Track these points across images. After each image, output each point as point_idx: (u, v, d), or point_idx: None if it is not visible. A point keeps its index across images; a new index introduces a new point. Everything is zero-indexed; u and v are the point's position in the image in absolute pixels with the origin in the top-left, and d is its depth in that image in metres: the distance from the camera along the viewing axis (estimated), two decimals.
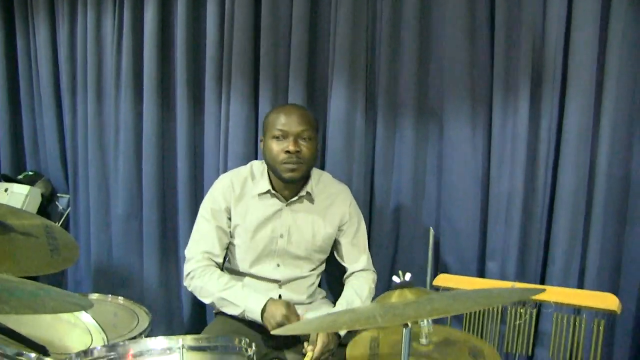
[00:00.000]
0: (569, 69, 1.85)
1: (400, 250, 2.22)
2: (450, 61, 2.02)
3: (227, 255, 1.98)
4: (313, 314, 1.77)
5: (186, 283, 1.89)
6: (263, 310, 1.73)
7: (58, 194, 2.84)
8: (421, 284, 1.76)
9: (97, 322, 1.55)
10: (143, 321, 1.85)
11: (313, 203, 1.91)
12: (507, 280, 1.97)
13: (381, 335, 1.54)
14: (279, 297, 1.88)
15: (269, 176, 1.88)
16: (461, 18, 1.96)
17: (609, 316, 1.77)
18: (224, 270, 1.99)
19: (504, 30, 1.91)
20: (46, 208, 2.80)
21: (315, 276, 1.98)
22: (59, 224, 2.75)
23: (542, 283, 1.98)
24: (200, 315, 2.52)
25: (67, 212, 2.82)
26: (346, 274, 1.97)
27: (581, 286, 1.91)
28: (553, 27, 1.86)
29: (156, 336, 1.16)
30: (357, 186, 2.10)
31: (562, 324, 1.71)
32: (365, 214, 2.06)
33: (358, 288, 1.89)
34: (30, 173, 2.82)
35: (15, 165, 2.94)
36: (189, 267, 1.88)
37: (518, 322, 1.77)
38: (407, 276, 1.15)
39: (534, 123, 1.92)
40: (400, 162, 2.16)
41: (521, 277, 1.98)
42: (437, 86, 2.08)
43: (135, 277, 2.58)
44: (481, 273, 2.07)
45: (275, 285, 1.91)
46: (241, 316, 1.79)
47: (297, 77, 2.17)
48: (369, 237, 2.06)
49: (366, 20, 2.11)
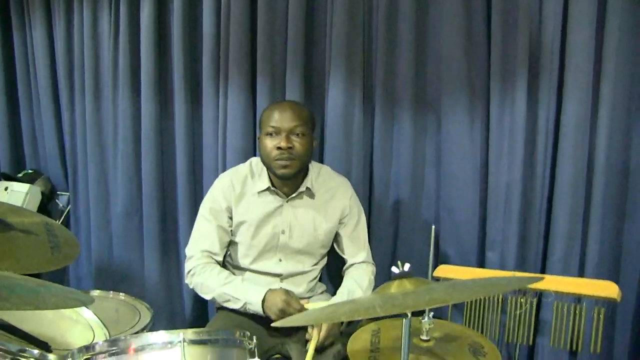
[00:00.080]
0: (567, 60, 1.85)
1: (400, 242, 2.22)
2: (447, 53, 2.01)
3: (229, 251, 1.99)
4: (313, 305, 1.78)
5: (187, 280, 1.91)
6: (263, 301, 1.75)
7: (58, 192, 2.85)
8: (422, 275, 1.76)
9: (99, 318, 1.55)
10: (145, 317, 1.86)
11: (313, 198, 1.92)
12: (507, 270, 1.98)
13: (382, 329, 1.54)
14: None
15: (268, 173, 1.89)
16: (458, 10, 1.95)
17: (609, 304, 1.77)
18: (226, 265, 2.00)
19: (501, 21, 1.90)
20: (46, 206, 2.80)
21: (317, 271, 1.99)
22: (60, 222, 2.75)
23: (543, 273, 1.98)
24: (202, 310, 2.52)
25: (68, 210, 2.82)
26: (345, 266, 1.97)
27: (582, 275, 1.91)
28: (550, 18, 1.86)
29: (160, 330, 1.17)
30: (356, 179, 2.10)
31: (563, 313, 1.72)
32: (364, 207, 2.06)
33: (358, 278, 1.90)
34: (29, 171, 2.82)
35: (14, 163, 2.95)
36: (190, 265, 1.89)
37: (519, 312, 1.77)
38: (406, 267, 1.16)
39: (532, 114, 1.92)
40: (398, 155, 2.16)
41: (521, 268, 1.99)
42: (435, 79, 2.08)
43: (136, 274, 2.59)
44: (481, 264, 2.07)
45: (276, 279, 1.92)
46: (243, 310, 1.80)
47: (294, 71, 2.17)
48: (369, 230, 2.06)
49: (363, 12, 2.10)
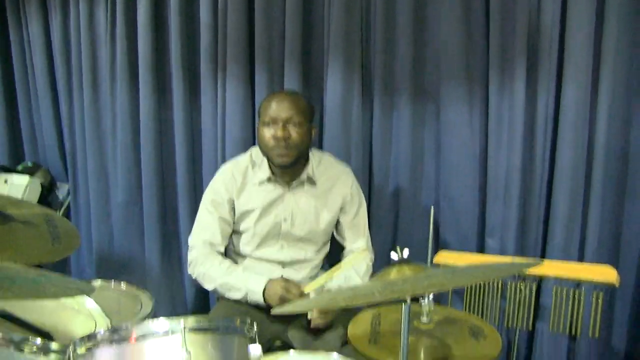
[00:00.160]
0: (566, 47, 1.84)
1: (400, 229, 2.23)
2: (445, 42, 2.01)
3: (232, 239, 2.00)
4: (312, 286, 1.79)
5: (190, 271, 1.93)
6: (264, 290, 1.76)
7: (58, 184, 2.85)
8: (421, 262, 1.77)
9: (101, 308, 1.56)
10: (146, 306, 1.86)
11: (315, 186, 1.92)
12: (507, 255, 1.98)
13: (382, 313, 1.55)
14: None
15: (269, 163, 1.89)
16: None
17: (608, 289, 1.78)
18: (228, 252, 2.01)
19: (499, 9, 1.90)
20: (46, 198, 2.80)
21: (319, 259, 1.99)
22: (60, 213, 2.76)
23: (542, 259, 1.99)
24: (203, 299, 2.54)
25: (68, 202, 2.82)
26: (344, 252, 1.98)
27: (581, 260, 1.92)
28: (549, 5, 1.85)
29: (161, 317, 1.17)
30: (356, 168, 2.10)
31: (562, 298, 1.73)
32: (364, 195, 2.06)
33: (355, 264, 1.90)
34: (29, 164, 2.82)
35: (13, 156, 2.95)
36: (192, 256, 1.92)
37: (518, 297, 1.78)
38: (405, 252, 1.16)
39: (531, 102, 1.92)
40: (398, 144, 2.16)
41: (521, 253, 1.99)
42: (433, 67, 2.07)
43: (137, 263, 2.60)
44: (481, 249, 2.08)
45: (278, 266, 1.93)
46: (244, 300, 1.81)
47: (293, 61, 2.16)
48: (369, 218, 2.07)
49: (360, 2, 2.09)
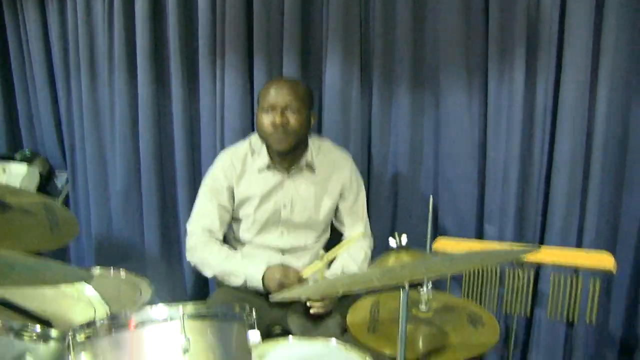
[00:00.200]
0: (565, 33, 1.83)
1: (398, 216, 2.23)
2: (444, 31, 2.00)
3: (232, 226, 2.00)
4: (310, 269, 1.80)
5: (188, 257, 1.94)
6: (263, 276, 1.78)
7: (56, 172, 2.84)
8: (420, 248, 1.78)
9: (100, 296, 1.56)
10: (145, 293, 1.87)
11: (314, 172, 1.92)
12: (506, 242, 1.99)
13: (382, 301, 1.55)
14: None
15: (268, 150, 1.89)
16: None
17: (605, 275, 1.79)
18: (230, 239, 2.02)
19: None
20: (45, 187, 2.80)
21: (318, 247, 1.98)
22: (59, 202, 2.76)
23: (541, 244, 1.99)
24: (202, 285, 2.54)
25: (66, 190, 2.82)
26: (343, 238, 1.98)
27: (579, 247, 1.92)
28: None
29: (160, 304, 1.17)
30: (355, 155, 2.09)
31: (560, 284, 1.73)
32: (363, 182, 2.06)
33: (353, 253, 1.91)
34: (27, 152, 2.81)
35: (11, 144, 2.93)
36: (191, 242, 1.92)
37: (516, 284, 1.79)
38: (404, 239, 1.16)
39: (530, 90, 1.92)
40: (397, 132, 2.16)
41: (519, 240, 2.00)
42: (432, 56, 2.06)
43: (136, 251, 2.60)
44: (480, 236, 2.09)
45: (278, 253, 1.93)
46: (243, 286, 1.83)
47: (291, 49, 2.15)
48: (368, 204, 2.06)
49: None
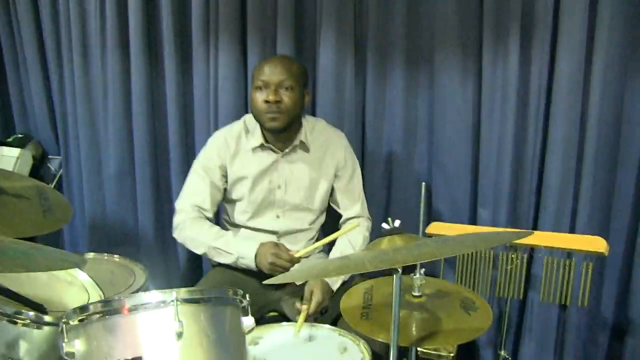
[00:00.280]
0: (560, 15, 1.82)
1: (392, 199, 2.23)
2: (440, 9, 1.98)
3: (226, 209, 2.00)
4: (303, 251, 1.80)
5: (175, 235, 1.92)
6: (256, 255, 1.77)
7: (49, 156, 2.83)
8: (414, 232, 1.78)
9: (94, 280, 1.56)
10: (139, 278, 1.87)
11: (308, 152, 1.92)
12: (499, 226, 2.00)
13: (375, 286, 1.56)
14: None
15: (262, 129, 1.88)
16: None
17: (598, 259, 1.80)
18: (223, 223, 2.02)
19: None
20: (39, 170, 2.79)
21: (314, 230, 1.99)
22: (52, 186, 2.74)
23: (535, 229, 2.00)
24: (196, 269, 2.55)
25: (60, 174, 2.81)
26: (341, 221, 1.99)
27: (573, 230, 1.94)
28: None
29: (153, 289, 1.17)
30: (349, 136, 2.07)
31: (553, 267, 1.74)
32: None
33: (352, 237, 1.91)
34: (19, 136, 2.79)
35: (4, 128, 2.91)
36: (179, 219, 1.90)
37: (510, 267, 1.80)
38: (397, 223, 1.16)
39: (524, 71, 1.91)
40: (391, 111, 2.15)
41: (514, 224, 2.01)
42: (427, 36, 2.05)
43: (130, 235, 2.60)
44: (473, 220, 2.09)
45: (273, 237, 1.93)
46: (234, 264, 1.82)
47: (285, 29, 2.13)
48: (363, 187, 2.06)
49: None
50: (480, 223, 2.05)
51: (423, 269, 1.42)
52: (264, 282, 1.19)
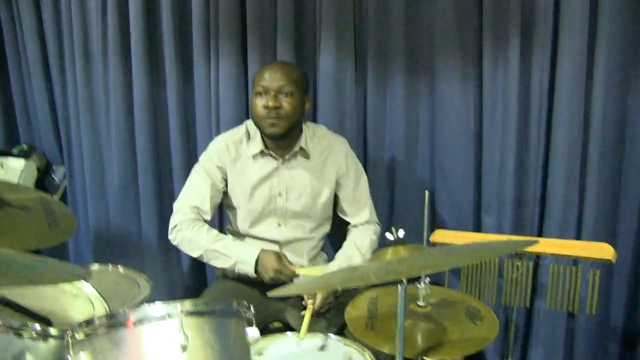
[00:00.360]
0: (561, 18, 1.82)
1: (396, 207, 2.23)
2: (439, 14, 1.98)
3: (229, 218, 2.00)
4: (305, 272, 1.80)
5: (171, 236, 1.90)
6: (257, 262, 1.77)
7: (54, 167, 2.84)
8: (418, 240, 1.77)
9: (99, 292, 1.56)
10: (144, 289, 1.86)
11: (309, 159, 1.91)
12: (504, 233, 1.99)
13: (380, 296, 1.55)
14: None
15: (262, 136, 1.88)
16: None
17: (605, 266, 1.78)
18: (226, 232, 2.01)
19: None
20: (43, 181, 2.80)
21: (317, 239, 1.98)
22: (57, 197, 2.75)
23: (540, 235, 1.99)
24: (200, 280, 2.54)
25: (64, 184, 2.81)
26: (349, 227, 1.98)
27: (579, 237, 1.92)
28: None
29: (158, 302, 1.17)
30: (350, 142, 2.08)
31: (559, 275, 1.72)
32: None
33: (358, 240, 1.90)
34: (24, 147, 2.80)
35: (8, 139, 2.92)
36: (176, 220, 1.88)
37: (515, 275, 1.78)
38: (400, 233, 1.15)
39: (525, 75, 1.90)
40: (392, 118, 2.15)
41: (518, 230, 2.00)
42: (427, 41, 2.05)
43: (134, 245, 2.60)
44: (478, 227, 2.08)
45: (275, 246, 1.92)
46: (232, 268, 1.81)
47: (285, 37, 2.14)
48: None
49: None
50: (484, 230, 2.04)
51: (428, 278, 1.41)
52: (269, 294, 1.19)
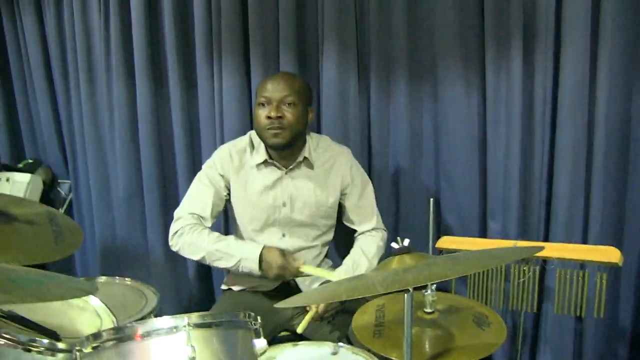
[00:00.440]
0: (563, 21, 1.82)
1: (401, 214, 2.22)
2: (440, 21, 1.99)
3: (235, 228, 1.99)
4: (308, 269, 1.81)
5: (172, 242, 1.88)
6: (261, 259, 1.76)
7: (59, 180, 2.85)
8: (424, 247, 1.77)
9: (106, 305, 1.57)
10: (151, 301, 1.87)
11: (312, 169, 1.91)
12: (510, 238, 1.98)
13: (387, 304, 1.55)
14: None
15: (265, 146, 1.88)
16: None
17: (612, 269, 1.77)
18: None
19: None
20: (49, 195, 2.81)
21: (320, 246, 1.98)
22: (63, 210, 2.77)
23: (546, 240, 1.98)
24: (208, 291, 2.55)
25: (70, 198, 2.83)
26: (356, 235, 1.98)
27: (585, 240, 1.91)
28: None
29: (165, 314, 1.17)
30: (354, 151, 2.08)
31: (566, 280, 1.71)
32: None
33: (365, 246, 1.90)
34: (29, 161, 2.82)
35: (14, 154, 2.94)
36: (177, 226, 1.87)
37: (522, 280, 1.78)
38: (406, 242, 1.15)
39: (528, 79, 1.90)
40: (396, 126, 2.15)
41: (524, 235, 1.99)
42: (429, 48, 2.05)
43: (141, 257, 2.60)
44: (483, 233, 2.08)
45: None
46: (235, 268, 1.80)
47: (287, 49, 2.15)
48: None
49: None
50: (490, 235, 2.04)
51: (434, 285, 1.41)
52: (275, 305, 1.19)
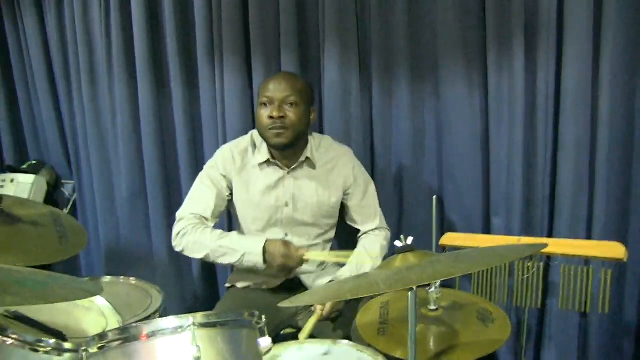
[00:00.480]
0: (565, 18, 1.81)
1: (404, 212, 2.22)
2: (442, 19, 1.98)
3: (237, 226, 2.00)
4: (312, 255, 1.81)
5: (175, 242, 1.88)
6: (265, 251, 1.76)
7: (63, 181, 2.86)
8: (427, 245, 1.77)
9: (111, 304, 1.57)
10: (156, 300, 1.88)
11: (315, 169, 1.91)
12: (514, 235, 1.97)
13: (391, 301, 1.55)
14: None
15: (268, 146, 1.88)
16: None
17: (616, 265, 1.77)
18: None
19: None
20: (53, 196, 2.82)
21: (323, 244, 1.98)
22: (67, 211, 2.78)
23: (550, 236, 1.98)
24: (212, 290, 2.55)
25: (74, 198, 2.84)
26: (359, 235, 1.98)
27: (589, 236, 1.91)
28: None
29: (170, 313, 1.17)
30: (357, 151, 2.08)
31: (570, 276, 1.71)
32: None
33: (369, 246, 1.91)
34: (33, 162, 2.83)
35: (18, 155, 2.95)
36: (180, 226, 1.87)
37: (526, 276, 1.78)
38: (409, 240, 1.15)
39: (531, 76, 1.90)
40: (398, 125, 2.15)
41: (528, 231, 1.99)
42: (431, 47, 2.05)
43: (145, 257, 2.61)
44: (487, 229, 2.07)
45: None
46: (239, 262, 1.80)
47: (289, 49, 2.15)
48: None
49: None
50: (494, 232, 2.03)
51: (438, 282, 1.41)
52: (279, 305, 1.20)
